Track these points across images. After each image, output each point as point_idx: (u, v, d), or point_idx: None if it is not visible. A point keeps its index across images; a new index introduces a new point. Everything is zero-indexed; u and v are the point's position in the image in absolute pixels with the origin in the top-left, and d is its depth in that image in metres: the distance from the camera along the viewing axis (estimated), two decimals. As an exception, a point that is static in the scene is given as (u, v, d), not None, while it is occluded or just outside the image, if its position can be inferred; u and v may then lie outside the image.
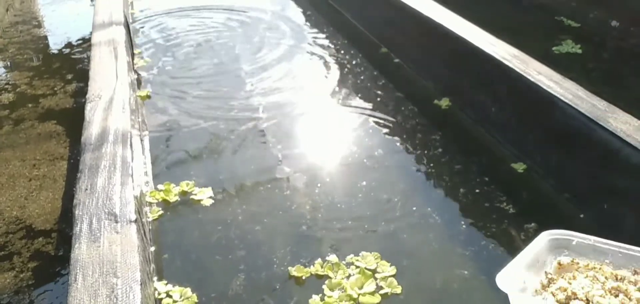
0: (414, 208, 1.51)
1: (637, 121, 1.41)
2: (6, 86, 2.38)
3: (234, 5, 3.28)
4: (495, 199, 1.53)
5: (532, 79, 1.63)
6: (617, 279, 0.50)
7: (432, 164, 1.72)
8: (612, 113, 1.45)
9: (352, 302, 1.22)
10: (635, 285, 0.49)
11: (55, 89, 2.32)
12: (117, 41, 2.19)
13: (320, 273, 1.30)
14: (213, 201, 1.57)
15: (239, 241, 1.42)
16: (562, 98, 1.52)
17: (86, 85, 1.91)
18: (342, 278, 1.28)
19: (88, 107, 1.73)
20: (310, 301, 1.22)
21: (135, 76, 2.31)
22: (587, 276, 0.50)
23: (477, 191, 1.58)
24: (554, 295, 0.47)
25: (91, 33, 2.38)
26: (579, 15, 2.73)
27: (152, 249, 1.39)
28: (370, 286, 1.26)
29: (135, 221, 1.21)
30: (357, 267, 1.31)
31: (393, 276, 1.28)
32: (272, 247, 1.40)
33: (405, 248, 1.38)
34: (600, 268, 0.52)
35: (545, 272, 0.51)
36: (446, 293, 1.25)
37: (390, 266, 1.31)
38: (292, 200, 1.57)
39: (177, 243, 1.43)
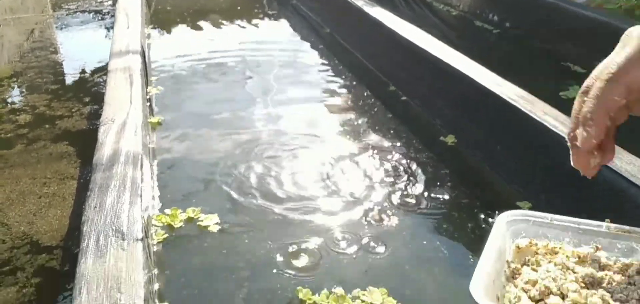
0: (424, 242, 1.52)
1: (642, 162, 1.42)
2: (25, 107, 2.44)
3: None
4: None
5: (538, 119, 1.65)
6: (580, 258, 0.48)
7: (440, 198, 1.73)
8: (618, 154, 1.46)
9: (354, 333, 1.21)
10: (604, 269, 0.47)
11: (73, 110, 2.38)
12: (133, 69, 2.24)
13: (324, 303, 1.29)
14: (219, 228, 1.59)
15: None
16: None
17: (101, 108, 1.95)
18: (347, 311, 1.27)
19: (101, 129, 1.77)
20: (313, 330, 1.21)
21: (148, 103, 2.36)
22: (550, 261, 0.47)
23: (484, 226, 1.58)
24: (525, 291, 0.46)
25: (108, 60, 2.45)
26: (585, 61, 2.77)
27: (155, 271, 1.39)
28: (373, 320, 1.25)
29: (142, 239, 1.22)
30: (363, 301, 1.30)
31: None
32: (278, 273, 1.40)
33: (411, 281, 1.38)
34: (560, 248, 0.49)
35: (507, 260, 0.49)
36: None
37: (397, 303, 1.29)
38: (303, 229, 1.58)
39: (181, 266, 1.44)
